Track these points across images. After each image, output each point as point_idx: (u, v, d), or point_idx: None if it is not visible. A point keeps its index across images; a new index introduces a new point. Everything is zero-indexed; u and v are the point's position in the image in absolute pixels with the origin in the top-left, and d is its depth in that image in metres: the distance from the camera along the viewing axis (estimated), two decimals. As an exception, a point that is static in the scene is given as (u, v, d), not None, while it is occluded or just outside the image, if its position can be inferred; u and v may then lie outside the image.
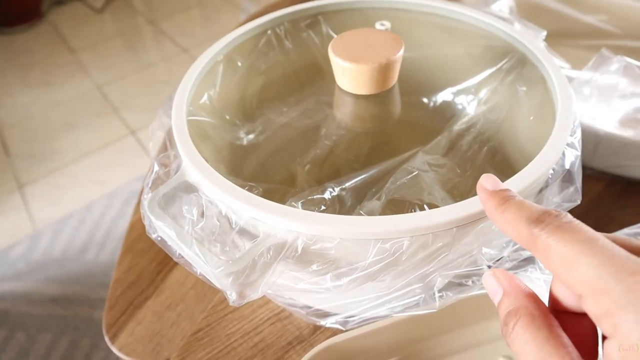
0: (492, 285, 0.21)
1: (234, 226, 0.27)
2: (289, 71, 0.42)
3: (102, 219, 1.20)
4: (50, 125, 1.50)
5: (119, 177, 1.32)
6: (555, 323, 0.18)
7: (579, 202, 0.28)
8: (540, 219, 0.18)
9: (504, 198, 0.20)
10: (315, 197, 0.29)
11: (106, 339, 0.42)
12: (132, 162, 1.37)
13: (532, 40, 0.35)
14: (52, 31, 1.97)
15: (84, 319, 0.99)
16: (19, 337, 0.98)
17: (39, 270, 1.10)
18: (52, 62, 1.79)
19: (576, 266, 0.16)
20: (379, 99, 0.34)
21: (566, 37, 0.54)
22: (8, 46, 1.89)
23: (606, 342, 0.16)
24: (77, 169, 1.35)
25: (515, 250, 0.30)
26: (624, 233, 0.34)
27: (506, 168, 0.31)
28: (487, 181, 0.22)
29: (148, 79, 1.68)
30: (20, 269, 1.10)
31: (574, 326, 0.19)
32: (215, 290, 0.43)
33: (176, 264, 0.46)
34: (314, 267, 0.26)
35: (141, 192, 0.54)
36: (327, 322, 0.33)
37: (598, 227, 0.42)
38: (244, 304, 0.25)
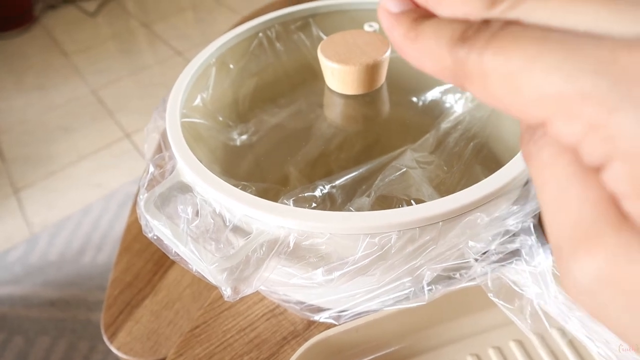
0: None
1: (227, 224, 0.27)
2: (281, 73, 0.43)
3: (99, 222, 1.20)
4: (46, 129, 1.51)
5: (115, 180, 1.32)
6: None
7: (562, 195, 0.29)
8: (466, 36, 0.13)
9: (415, 20, 0.14)
10: (306, 194, 0.30)
11: (104, 338, 0.42)
12: (128, 164, 1.37)
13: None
14: (46, 35, 1.97)
15: (82, 322, 1.00)
16: (17, 341, 0.98)
17: (36, 274, 1.10)
18: (46, 66, 1.79)
19: (529, 78, 0.11)
20: (367, 99, 0.35)
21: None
22: (1, 50, 1.89)
23: (604, 173, 0.11)
24: (73, 172, 1.36)
25: (502, 244, 0.30)
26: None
27: (492, 163, 0.32)
28: (391, 2, 0.15)
29: (143, 82, 1.69)
30: (18, 272, 1.11)
31: None
32: (211, 289, 0.44)
33: (172, 264, 0.47)
34: (306, 262, 0.27)
35: (136, 195, 0.55)
36: (321, 317, 0.33)
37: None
38: (238, 299, 0.26)
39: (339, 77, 0.33)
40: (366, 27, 0.41)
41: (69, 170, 1.36)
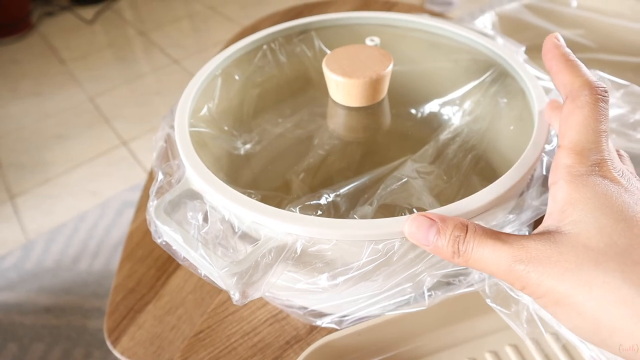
0: (424, 223, 0.24)
1: (236, 230, 0.28)
2: (284, 84, 0.44)
3: (95, 229, 1.20)
4: (42, 136, 1.51)
5: (111, 188, 1.33)
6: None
7: (555, 205, 0.30)
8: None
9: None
10: (312, 202, 0.31)
11: (108, 343, 0.43)
12: (124, 172, 1.38)
13: (512, 55, 0.38)
14: (43, 42, 1.98)
15: (77, 329, 1.00)
16: (12, 348, 0.98)
17: (31, 280, 1.10)
18: (43, 73, 1.80)
19: None
20: (370, 110, 0.37)
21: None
22: (-2, 57, 1.89)
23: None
24: (69, 179, 1.36)
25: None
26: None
27: (489, 174, 0.34)
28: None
29: (139, 90, 1.69)
30: (12, 279, 1.11)
31: None
32: (213, 295, 0.44)
33: (175, 270, 0.48)
34: (312, 267, 0.28)
35: (139, 202, 0.56)
36: (323, 322, 0.34)
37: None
38: (246, 302, 0.27)
39: (344, 90, 0.35)
40: (367, 42, 0.42)
41: (64, 178, 1.37)
